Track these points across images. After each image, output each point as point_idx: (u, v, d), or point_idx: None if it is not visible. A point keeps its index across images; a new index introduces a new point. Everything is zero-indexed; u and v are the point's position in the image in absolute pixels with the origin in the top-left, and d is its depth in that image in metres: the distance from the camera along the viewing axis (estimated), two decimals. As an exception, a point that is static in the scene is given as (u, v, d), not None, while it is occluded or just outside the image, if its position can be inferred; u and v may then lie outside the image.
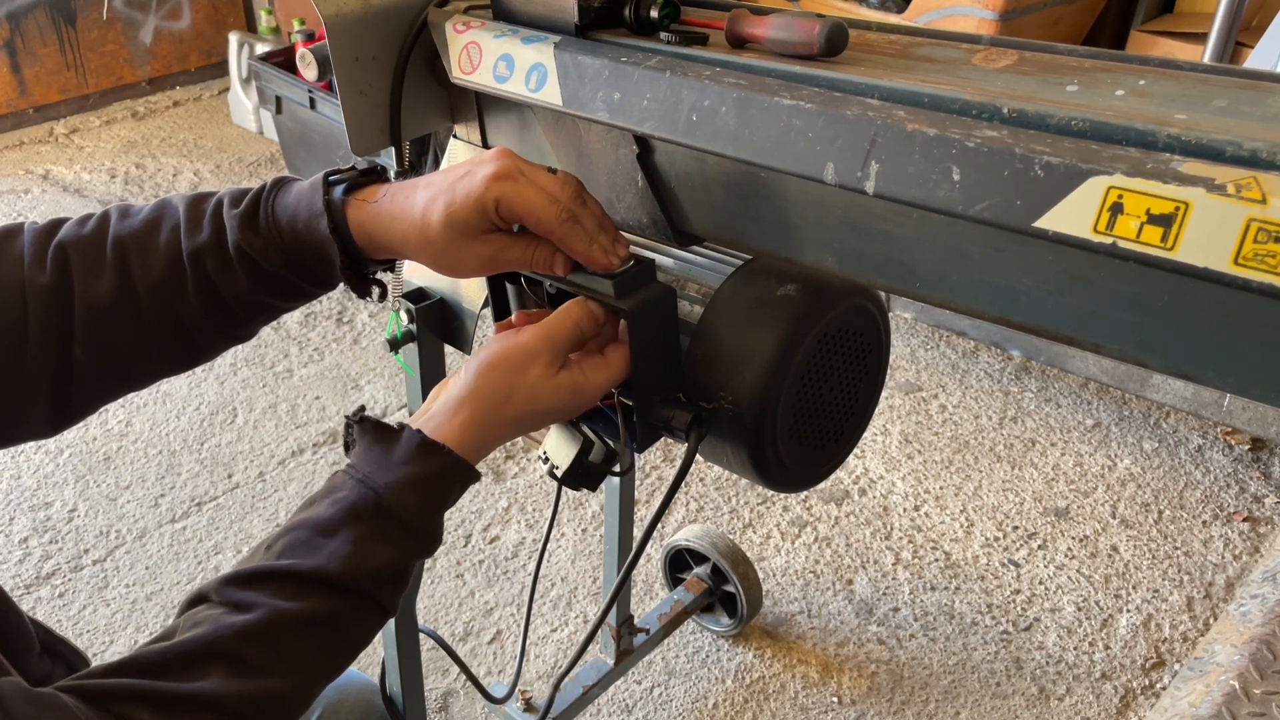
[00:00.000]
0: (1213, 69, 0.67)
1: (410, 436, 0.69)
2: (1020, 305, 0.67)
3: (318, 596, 0.64)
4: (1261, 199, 0.50)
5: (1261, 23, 2.42)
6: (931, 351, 2.68)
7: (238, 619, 0.62)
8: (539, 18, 0.84)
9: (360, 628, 0.68)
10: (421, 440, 0.69)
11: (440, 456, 0.69)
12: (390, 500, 0.67)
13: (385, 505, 0.67)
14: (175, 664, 0.61)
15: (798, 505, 2.19)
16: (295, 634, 0.64)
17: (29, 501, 2.17)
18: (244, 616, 0.62)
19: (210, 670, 0.61)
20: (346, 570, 0.65)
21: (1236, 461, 2.31)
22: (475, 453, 0.72)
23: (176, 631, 0.63)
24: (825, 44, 0.71)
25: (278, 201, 0.75)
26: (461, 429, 0.71)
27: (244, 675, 0.61)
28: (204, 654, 0.61)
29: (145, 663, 0.60)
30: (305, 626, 0.64)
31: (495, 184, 0.71)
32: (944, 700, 1.80)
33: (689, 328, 0.80)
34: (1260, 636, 1.44)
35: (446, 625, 1.93)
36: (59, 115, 3.93)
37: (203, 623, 0.63)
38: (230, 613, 0.63)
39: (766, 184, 0.78)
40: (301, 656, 0.64)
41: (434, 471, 0.69)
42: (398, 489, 0.67)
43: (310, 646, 0.65)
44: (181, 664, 0.61)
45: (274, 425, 2.41)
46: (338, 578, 0.64)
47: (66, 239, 0.74)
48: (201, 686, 0.60)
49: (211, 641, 0.61)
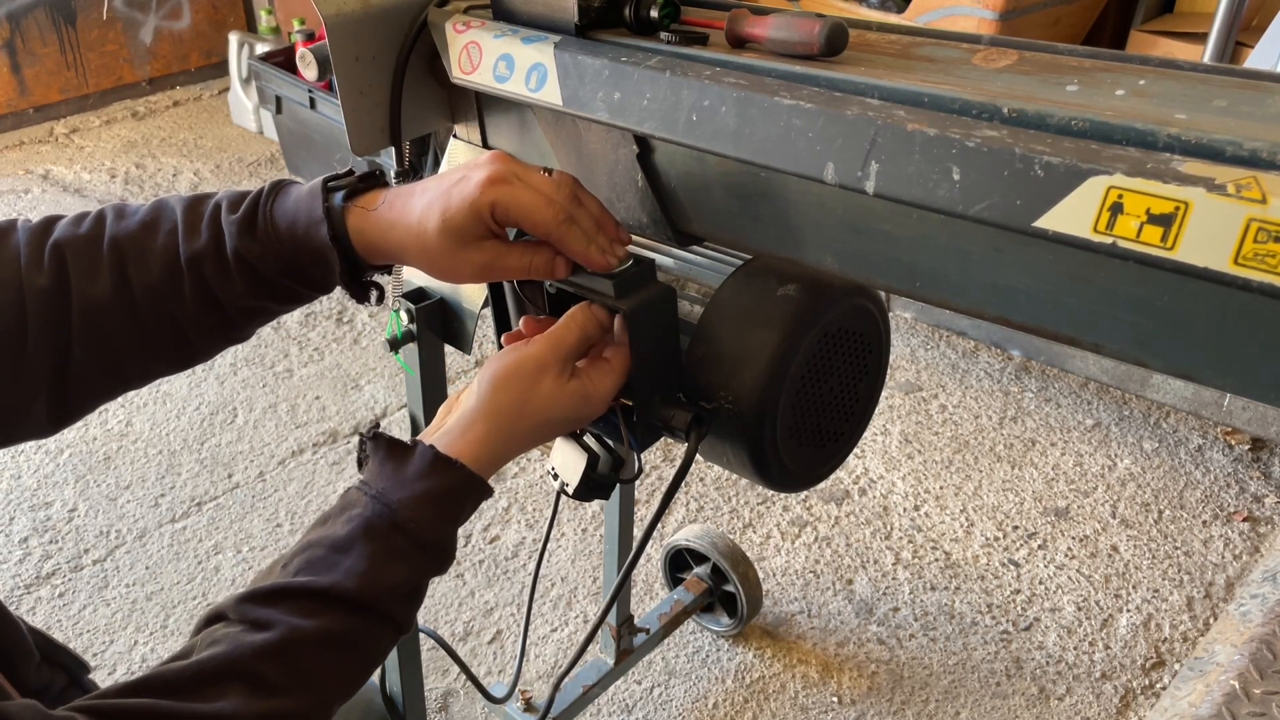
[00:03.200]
0: (1213, 69, 0.67)
1: (424, 452, 0.69)
2: (1020, 305, 0.67)
3: (335, 614, 0.64)
4: (1261, 199, 0.50)
5: (1261, 23, 2.42)
6: (931, 351, 2.68)
7: (256, 637, 0.62)
8: (539, 18, 0.84)
9: (376, 645, 0.68)
10: (435, 456, 0.69)
11: (454, 472, 0.69)
12: (404, 516, 0.67)
13: (400, 521, 0.67)
14: (193, 683, 0.60)
15: (798, 505, 2.19)
16: (313, 652, 0.63)
17: (29, 501, 2.17)
18: (263, 635, 0.62)
19: (229, 689, 0.60)
20: (363, 587, 0.65)
21: (1236, 461, 2.31)
22: (489, 468, 0.72)
23: (194, 650, 0.62)
24: (825, 44, 0.71)
25: (276, 207, 0.74)
26: (476, 444, 0.71)
27: (263, 694, 0.61)
28: (223, 673, 0.61)
29: (162, 682, 0.60)
30: (323, 644, 0.64)
31: (490, 189, 0.70)
32: (944, 700, 1.80)
33: (689, 328, 0.80)
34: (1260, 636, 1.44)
35: (446, 625, 1.93)
36: (59, 115, 3.93)
37: (220, 641, 0.62)
38: (248, 631, 0.62)
39: (766, 184, 0.78)
40: (319, 675, 0.64)
41: (448, 487, 0.69)
42: (412, 505, 0.67)
43: (328, 664, 0.64)
44: (199, 683, 0.60)
45: (274, 425, 2.41)
46: (355, 595, 0.64)
47: (63, 239, 0.73)
48: (221, 707, 0.59)
49: (231, 660, 0.61)
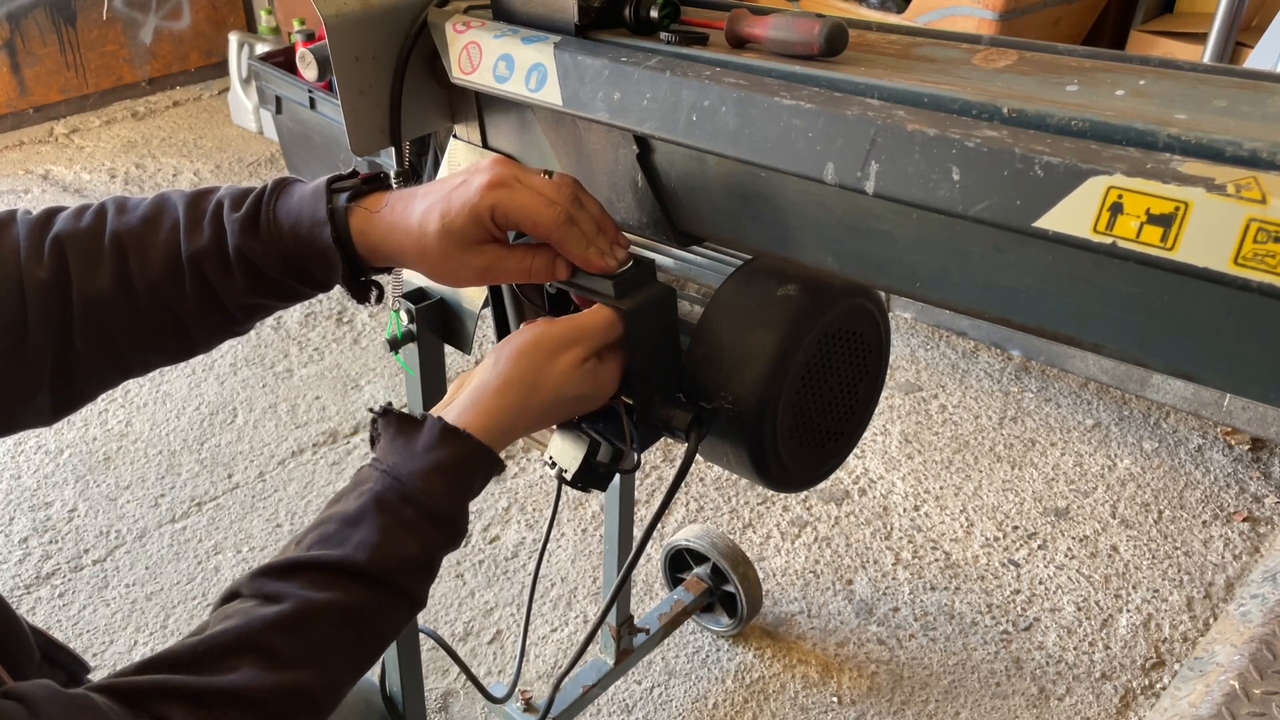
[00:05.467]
0: (1213, 69, 0.67)
1: (433, 425, 0.69)
2: (1020, 305, 0.67)
3: (347, 587, 0.64)
4: (1261, 199, 0.50)
5: (1261, 23, 2.42)
6: (931, 351, 2.68)
7: (269, 610, 0.62)
8: (539, 18, 0.84)
9: (389, 619, 0.68)
10: (443, 427, 0.69)
11: (463, 442, 0.69)
12: (414, 488, 0.67)
13: (409, 493, 0.67)
14: (206, 657, 0.61)
15: (798, 505, 2.19)
16: (325, 625, 0.64)
17: (29, 501, 2.17)
18: (275, 608, 0.63)
19: (241, 662, 0.61)
20: (374, 559, 0.65)
21: (1236, 461, 2.31)
22: (500, 440, 0.72)
23: (208, 626, 0.63)
24: (825, 44, 0.71)
25: (279, 206, 0.74)
26: (486, 416, 0.71)
27: (274, 667, 0.61)
28: (235, 646, 0.61)
29: (176, 658, 0.61)
30: (335, 617, 0.64)
31: (490, 192, 0.71)
32: (944, 700, 1.79)
33: (689, 328, 0.80)
34: (1260, 636, 1.44)
35: (446, 625, 1.93)
36: (59, 115, 3.93)
37: (234, 615, 0.63)
38: (261, 604, 0.63)
39: (766, 184, 0.78)
40: (331, 649, 0.64)
41: (457, 458, 0.69)
42: (421, 476, 0.68)
43: (340, 638, 0.65)
44: (213, 657, 0.61)
45: (274, 425, 2.41)
46: (366, 567, 0.65)
47: (63, 233, 0.74)
48: (232, 680, 0.60)
49: (242, 633, 0.61)
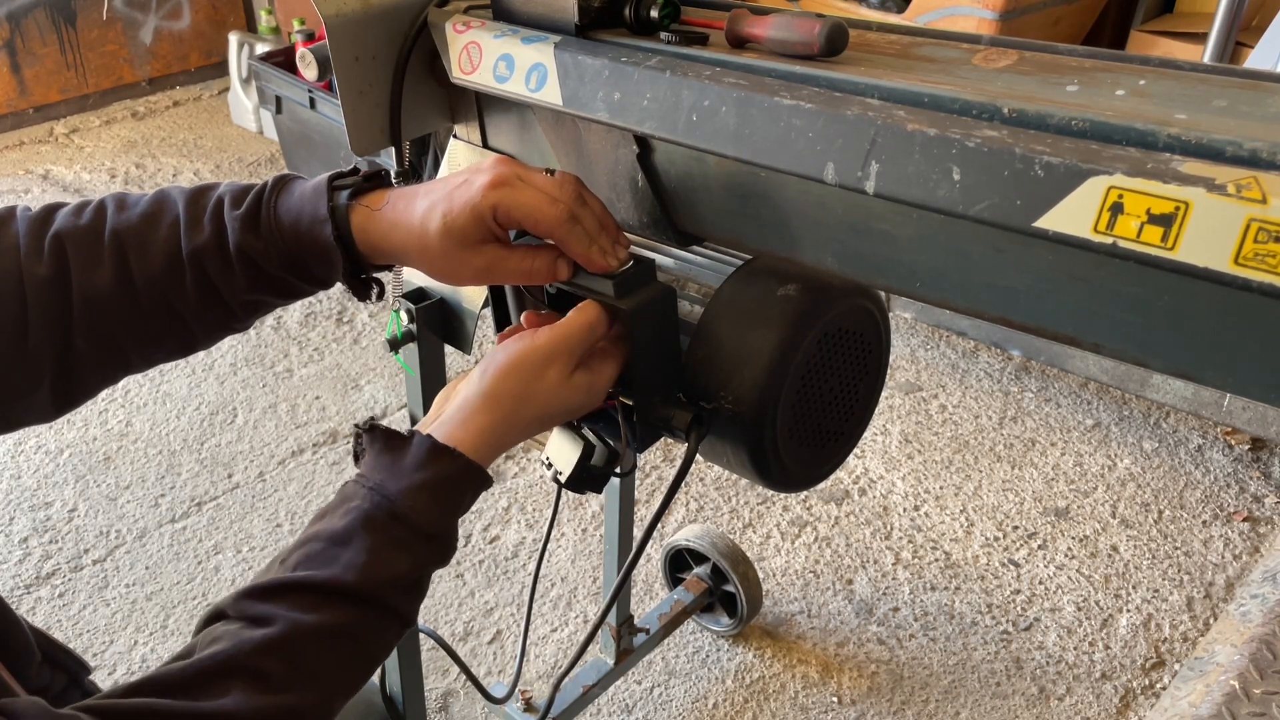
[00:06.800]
0: (1213, 69, 0.67)
1: (421, 442, 0.69)
2: (1020, 305, 0.67)
3: (336, 607, 0.64)
4: (1261, 199, 0.50)
5: (1261, 23, 2.42)
6: (931, 351, 2.68)
7: (257, 633, 0.61)
8: (539, 18, 0.84)
9: (379, 639, 0.67)
10: (432, 445, 0.69)
11: (451, 460, 0.69)
12: (403, 506, 0.66)
13: (398, 512, 0.66)
14: (195, 682, 0.60)
15: (798, 505, 2.19)
16: (315, 646, 0.63)
17: (29, 501, 2.17)
18: (263, 630, 0.62)
19: (231, 686, 0.60)
20: (363, 580, 0.64)
21: (1236, 461, 2.31)
22: (488, 456, 0.71)
23: (195, 650, 0.62)
24: (825, 44, 0.71)
25: (280, 203, 0.74)
26: (477, 433, 0.70)
27: (265, 690, 0.60)
28: (224, 670, 0.60)
29: (166, 682, 0.60)
30: (324, 638, 0.63)
31: (492, 191, 0.71)
32: (944, 700, 1.79)
33: (689, 328, 0.80)
34: (1260, 636, 1.44)
35: (446, 625, 1.93)
36: (59, 115, 3.93)
37: (221, 639, 0.62)
38: (248, 627, 0.62)
39: (766, 184, 0.78)
40: (322, 669, 0.63)
41: (447, 476, 0.68)
42: (409, 495, 0.67)
43: (330, 659, 0.64)
44: (202, 681, 0.60)
45: (274, 425, 2.41)
46: (355, 587, 0.64)
47: (63, 230, 0.73)
48: (223, 704, 0.59)
49: (231, 656, 0.61)
